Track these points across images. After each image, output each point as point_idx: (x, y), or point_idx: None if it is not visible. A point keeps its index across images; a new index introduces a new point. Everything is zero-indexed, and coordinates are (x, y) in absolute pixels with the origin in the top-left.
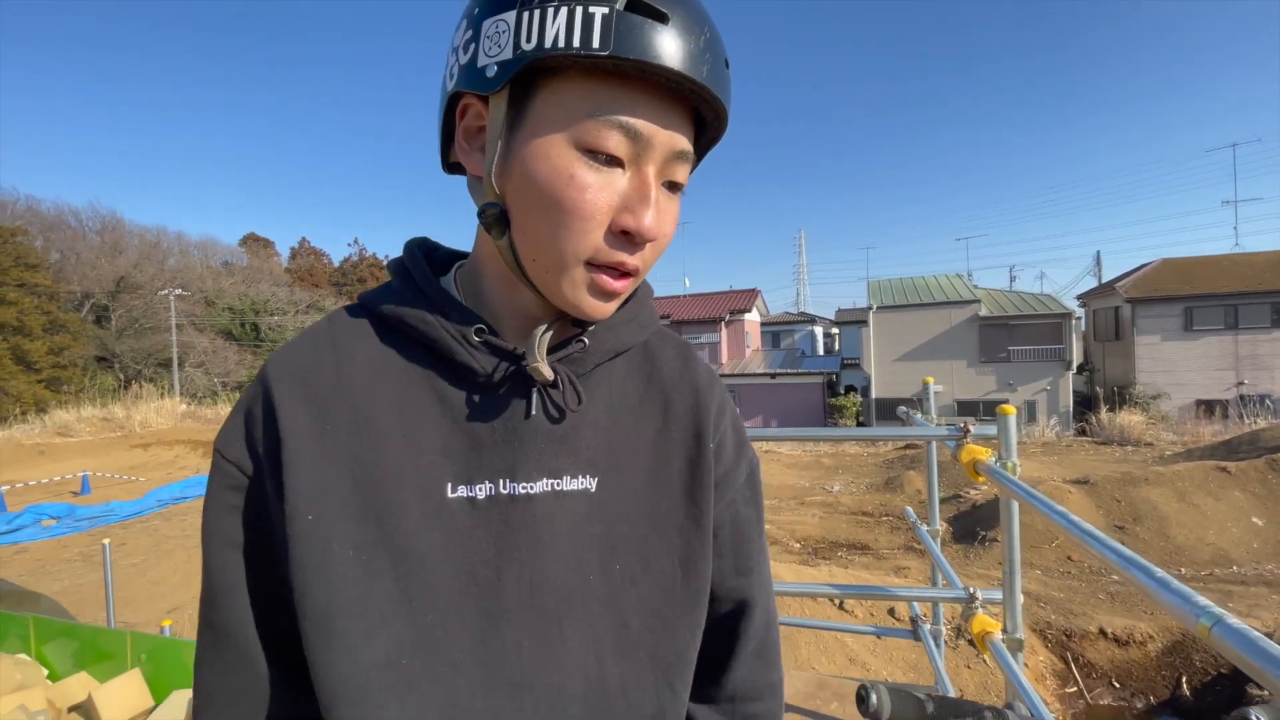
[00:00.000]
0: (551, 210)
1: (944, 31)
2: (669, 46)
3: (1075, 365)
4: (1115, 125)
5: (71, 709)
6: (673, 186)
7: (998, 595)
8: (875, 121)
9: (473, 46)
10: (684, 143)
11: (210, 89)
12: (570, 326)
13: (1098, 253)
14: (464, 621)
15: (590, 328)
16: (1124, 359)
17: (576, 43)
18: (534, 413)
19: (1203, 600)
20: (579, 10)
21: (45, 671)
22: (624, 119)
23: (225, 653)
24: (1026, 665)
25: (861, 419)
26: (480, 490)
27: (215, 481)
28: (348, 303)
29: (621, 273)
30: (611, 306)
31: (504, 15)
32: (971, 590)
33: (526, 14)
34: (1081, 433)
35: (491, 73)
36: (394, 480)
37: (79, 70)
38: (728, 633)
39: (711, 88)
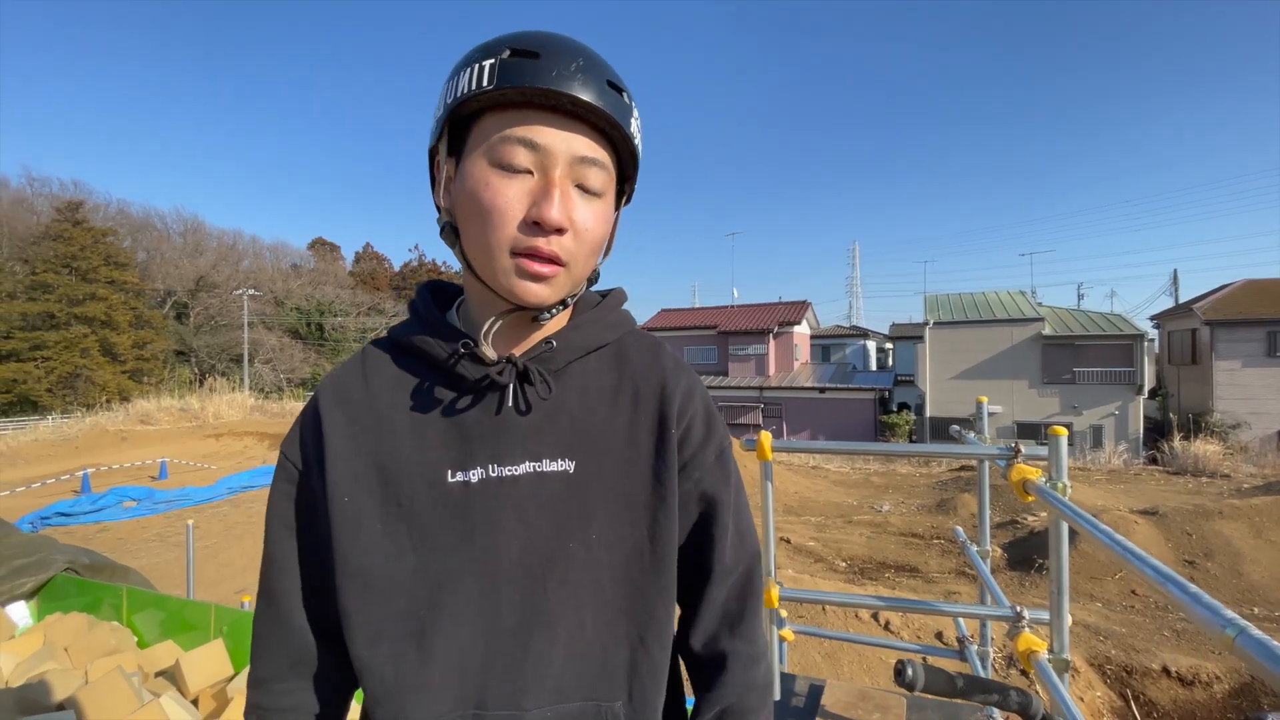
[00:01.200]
0: (477, 213)
1: (1011, 33)
2: (542, 74)
3: (1147, 389)
4: (1197, 135)
5: (158, 674)
6: (586, 190)
7: (1045, 616)
8: (935, 130)
9: (435, 114)
10: (587, 149)
11: (286, 104)
12: (533, 327)
13: (1174, 271)
14: (466, 582)
15: (547, 319)
16: (1201, 384)
17: (473, 86)
18: (508, 405)
19: (1230, 614)
20: (478, 66)
21: (135, 639)
22: (523, 134)
23: (276, 611)
24: (1082, 700)
25: (915, 437)
26: (474, 475)
27: (277, 475)
28: (405, 305)
29: (541, 258)
30: (543, 290)
31: (445, 87)
32: (1018, 609)
33: (452, 81)
34: (1152, 461)
35: (436, 127)
36: (407, 470)
37: (169, 85)
38: (696, 597)
39: (588, 99)
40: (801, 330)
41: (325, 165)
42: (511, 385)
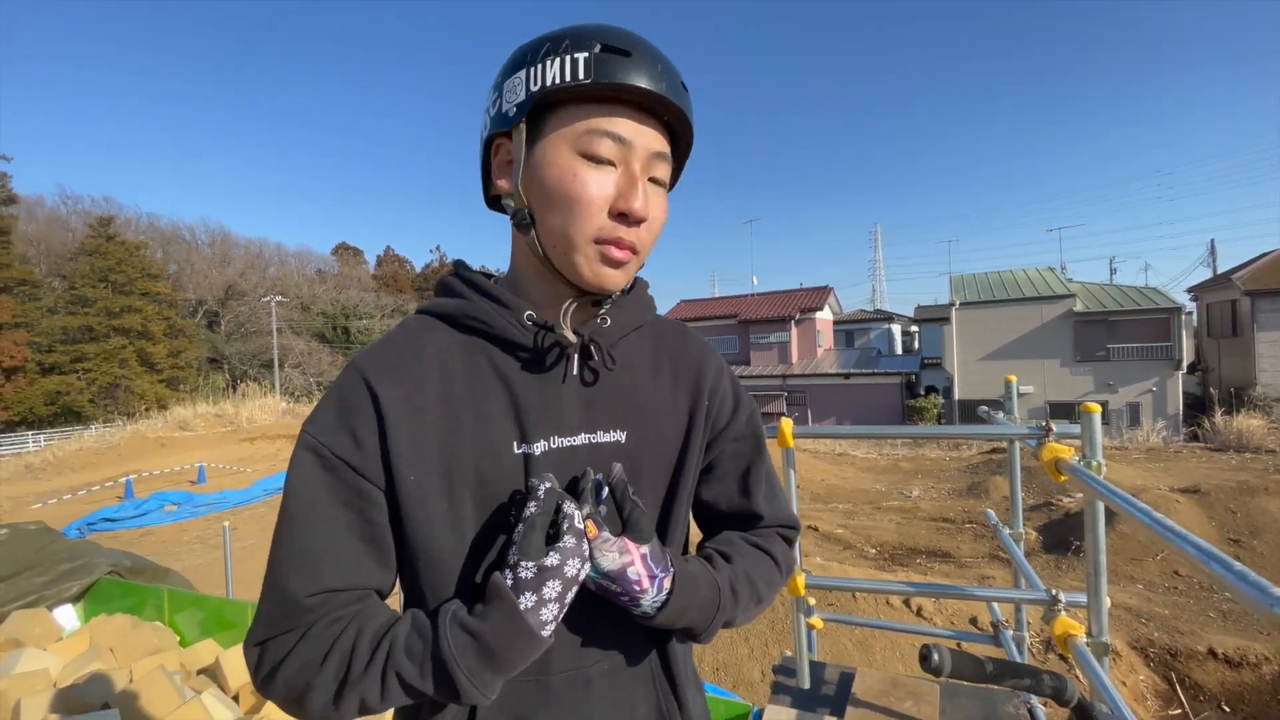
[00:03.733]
0: (562, 202)
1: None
2: (634, 73)
3: (1186, 364)
4: (1229, 100)
5: (200, 671)
6: (656, 182)
7: (1082, 598)
8: (955, 107)
9: (498, 102)
10: (660, 145)
11: (308, 113)
12: (592, 310)
13: (1211, 241)
14: None
15: (607, 306)
16: (1242, 357)
17: (569, 78)
18: (573, 376)
19: (1278, 591)
20: (568, 58)
21: (177, 638)
22: (610, 128)
23: (295, 609)
24: (1125, 684)
25: (944, 421)
26: (537, 447)
27: (306, 461)
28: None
29: (623, 247)
30: (621, 276)
31: (518, 74)
32: (1054, 592)
33: (533, 68)
34: (1193, 438)
35: (512, 113)
36: (471, 443)
37: (194, 99)
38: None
39: (671, 99)
40: (824, 316)
41: (347, 172)
42: (575, 359)
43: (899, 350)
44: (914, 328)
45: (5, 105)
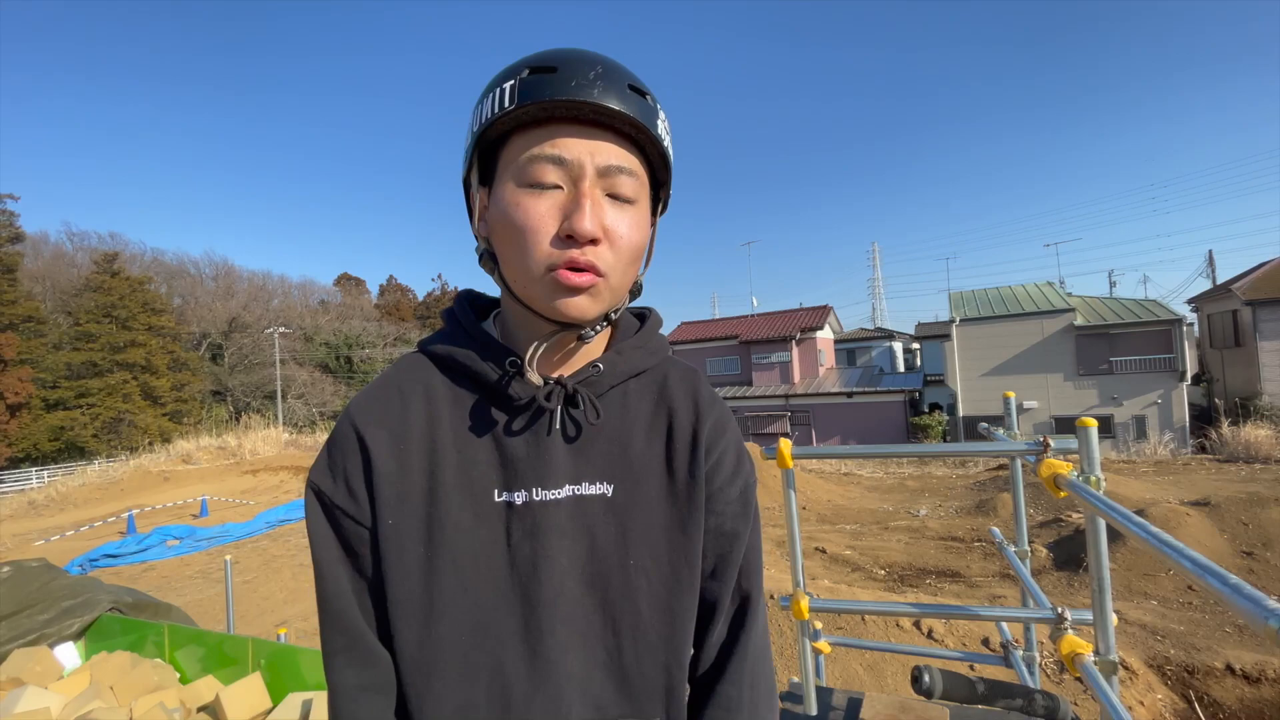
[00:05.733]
0: (511, 235)
1: (1026, 22)
2: (561, 86)
3: (1190, 375)
4: (1223, 111)
5: (200, 709)
6: (620, 198)
7: (1088, 616)
8: (949, 125)
9: (465, 144)
10: (614, 157)
11: (310, 144)
12: (577, 346)
13: (1209, 252)
14: (510, 607)
15: (602, 353)
16: (1246, 367)
17: (497, 109)
18: (556, 427)
19: (1274, 604)
20: (499, 89)
21: (177, 675)
22: (548, 150)
23: (348, 638)
24: (1143, 703)
25: (948, 438)
26: (518, 496)
27: (311, 508)
28: (430, 334)
29: (577, 268)
30: (584, 302)
31: (472, 114)
32: (1060, 610)
33: (478, 107)
34: (1201, 449)
35: (466, 156)
36: (453, 490)
37: (197, 132)
38: (699, 629)
39: (611, 104)
40: (824, 335)
41: (349, 202)
42: (559, 409)
43: (901, 368)
44: (915, 345)
45: (12, 144)
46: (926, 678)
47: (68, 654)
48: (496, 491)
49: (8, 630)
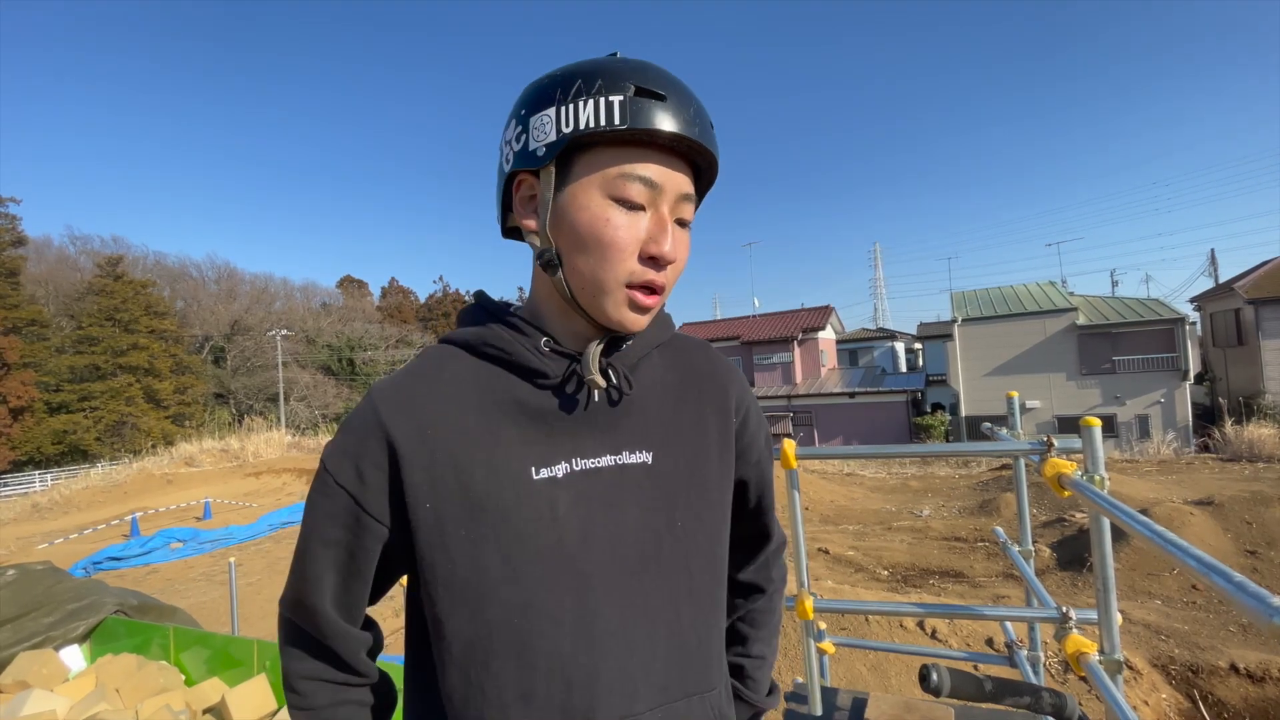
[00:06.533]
0: (595, 247)
1: (1028, 22)
2: (667, 117)
3: (1193, 375)
4: (1225, 109)
5: (206, 711)
6: (682, 223)
7: (1093, 615)
8: (950, 125)
9: (524, 137)
10: (687, 186)
11: (312, 146)
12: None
13: (1211, 251)
14: (563, 583)
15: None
16: (1249, 366)
17: (603, 122)
18: (594, 401)
19: (1278, 601)
20: (602, 100)
21: (183, 677)
22: (642, 173)
23: (317, 627)
24: (1147, 703)
25: (951, 437)
26: (559, 470)
27: (320, 493)
28: (432, 336)
29: (651, 290)
30: (646, 320)
31: (547, 111)
32: (1064, 609)
33: (565, 107)
34: (1204, 449)
35: (540, 153)
36: (487, 471)
37: (198, 136)
38: (749, 551)
39: (702, 142)
40: (826, 335)
41: (351, 205)
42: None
43: (903, 368)
44: (917, 345)
45: (15, 148)
46: (935, 676)
47: (73, 657)
48: (534, 469)
49: (13, 633)
